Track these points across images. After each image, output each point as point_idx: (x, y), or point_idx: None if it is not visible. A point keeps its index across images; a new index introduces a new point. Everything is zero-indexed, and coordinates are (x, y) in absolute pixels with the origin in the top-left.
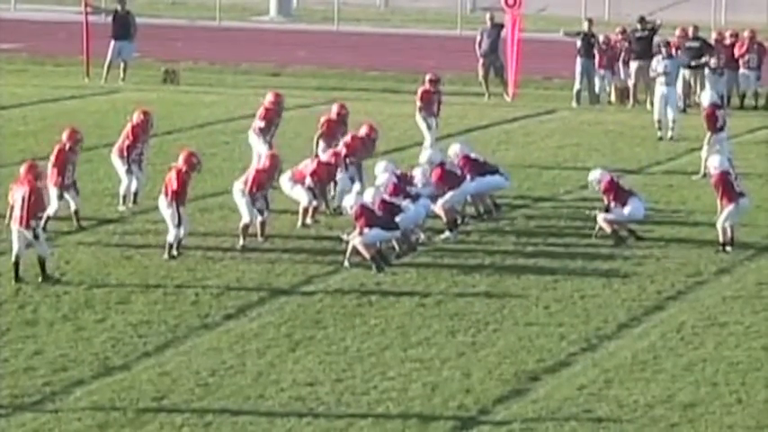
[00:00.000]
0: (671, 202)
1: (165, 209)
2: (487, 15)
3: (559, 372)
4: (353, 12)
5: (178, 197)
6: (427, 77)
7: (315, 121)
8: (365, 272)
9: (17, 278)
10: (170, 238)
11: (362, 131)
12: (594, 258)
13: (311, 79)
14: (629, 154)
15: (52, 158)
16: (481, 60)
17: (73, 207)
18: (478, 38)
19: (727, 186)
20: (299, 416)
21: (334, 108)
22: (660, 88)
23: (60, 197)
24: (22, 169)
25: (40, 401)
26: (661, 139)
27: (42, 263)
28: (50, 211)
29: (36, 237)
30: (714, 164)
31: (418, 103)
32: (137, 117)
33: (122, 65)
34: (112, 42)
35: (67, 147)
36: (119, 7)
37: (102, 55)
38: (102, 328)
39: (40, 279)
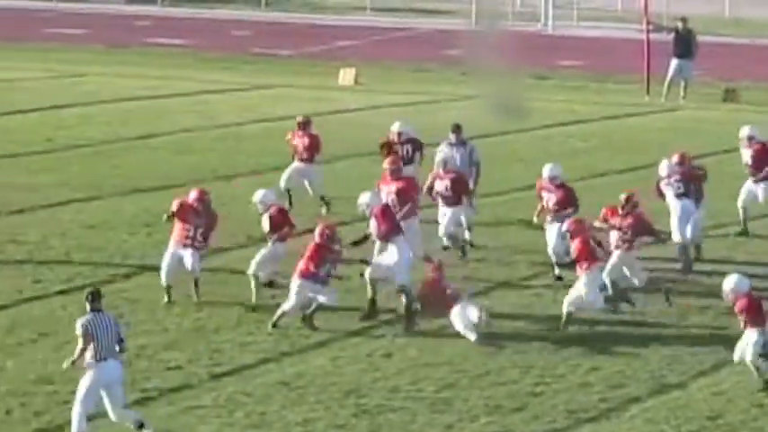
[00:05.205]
0: None
1: None
2: None
3: None
4: None
5: None
6: None
7: None
8: None
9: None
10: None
11: None
12: None
13: None
14: None
15: None
16: None
17: None
18: None
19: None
20: None
21: None
22: None
23: None
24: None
25: (596, 418)
26: None
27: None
28: None
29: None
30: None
31: None
32: None
33: (683, 83)
34: (674, 60)
35: None
36: (680, 25)
37: (662, 72)
38: (656, 346)
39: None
